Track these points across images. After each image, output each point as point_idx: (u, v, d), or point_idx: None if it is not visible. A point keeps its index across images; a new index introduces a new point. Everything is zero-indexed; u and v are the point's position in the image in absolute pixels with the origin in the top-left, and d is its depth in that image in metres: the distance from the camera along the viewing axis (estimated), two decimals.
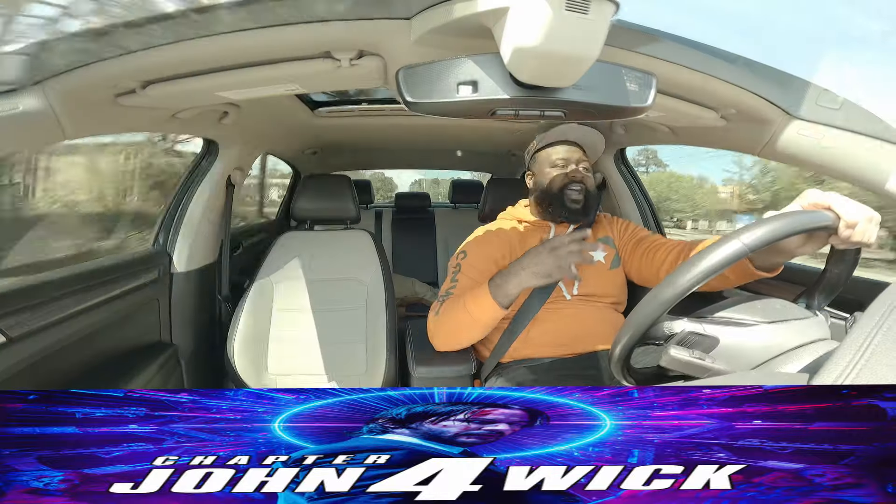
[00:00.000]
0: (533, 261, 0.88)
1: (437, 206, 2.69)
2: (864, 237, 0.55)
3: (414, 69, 0.51)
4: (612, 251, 1.06)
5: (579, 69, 0.50)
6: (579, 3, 0.43)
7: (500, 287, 0.89)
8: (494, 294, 0.89)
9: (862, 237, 0.55)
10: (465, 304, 0.92)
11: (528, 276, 0.88)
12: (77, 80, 0.57)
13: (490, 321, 0.92)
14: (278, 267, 1.31)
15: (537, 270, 0.87)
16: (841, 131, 0.70)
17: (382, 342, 1.23)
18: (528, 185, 1.12)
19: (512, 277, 0.89)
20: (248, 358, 1.21)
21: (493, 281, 0.91)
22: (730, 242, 0.49)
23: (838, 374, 0.34)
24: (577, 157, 1.05)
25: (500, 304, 0.89)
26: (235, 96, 0.77)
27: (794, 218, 0.52)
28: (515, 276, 0.88)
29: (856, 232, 0.54)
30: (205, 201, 1.21)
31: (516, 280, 0.88)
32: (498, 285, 0.90)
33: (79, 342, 0.87)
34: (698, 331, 0.54)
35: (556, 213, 1.04)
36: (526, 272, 0.88)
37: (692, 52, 0.67)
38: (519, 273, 0.88)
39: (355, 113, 1.40)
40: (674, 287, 0.49)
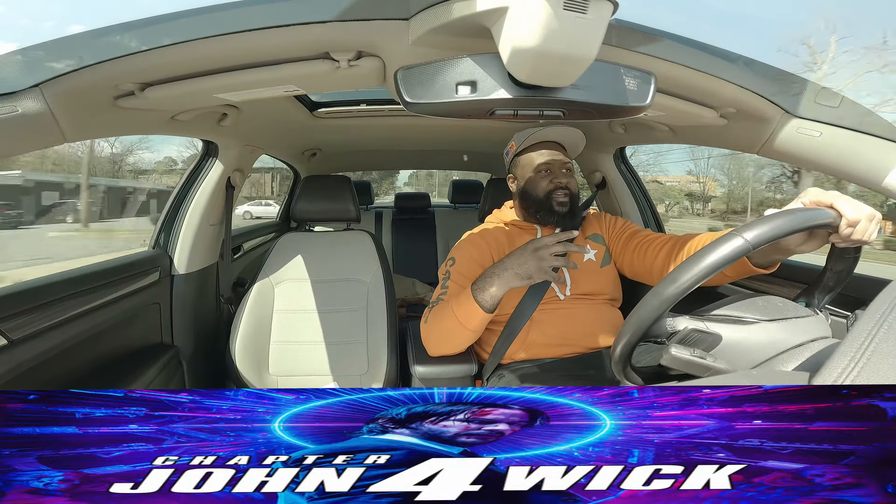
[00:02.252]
0: (516, 262, 0.88)
1: (436, 207, 2.70)
2: (864, 235, 0.55)
3: (412, 69, 0.51)
4: (603, 248, 1.06)
5: (578, 68, 0.50)
6: (578, 2, 0.43)
7: (482, 290, 0.89)
8: (477, 297, 0.89)
9: (862, 235, 0.55)
10: (452, 309, 0.92)
11: (509, 277, 0.88)
12: (76, 82, 0.57)
13: (477, 325, 0.91)
14: (279, 268, 1.31)
15: (519, 272, 0.87)
16: (840, 129, 0.70)
17: (383, 342, 1.24)
18: (511, 188, 1.12)
19: (494, 279, 0.89)
20: (249, 359, 1.21)
21: (476, 284, 0.91)
22: (733, 239, 0.49)
23: (840, 372, 0.34)
24: (560, 159, 1.05)
25: (483, 307, 0.89)
26: (234, 98, 0.77)
27: (796, 215, 0.52)
28: (498, 278, 0.88)
29: (857, 230, 0.55)
30: (205, 203, 1.21)
31: (499, 281, 0.88)
32: (480, 288, 0.89)
33: (80, 345, 0.87)
34: (701, 328, 0.54)
35: (544, 219, 1.04)
36: (508, 273, 0.88)
37: (691, 51, 0.67)
38: (501, 274, 0.88)
39: (354, 113, 1.40)
40: (676, 284, 0.49)
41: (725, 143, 0.93)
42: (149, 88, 0.67)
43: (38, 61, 0.55)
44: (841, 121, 0.70)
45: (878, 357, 0.33)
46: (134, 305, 1.05)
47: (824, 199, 0.57)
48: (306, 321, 1.29)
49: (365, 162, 2.52)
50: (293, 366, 1.26)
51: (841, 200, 0.55)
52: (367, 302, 1.30)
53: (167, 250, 1.19)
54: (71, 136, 0.62)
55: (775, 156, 0.80)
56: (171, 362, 1.15)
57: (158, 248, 1.19)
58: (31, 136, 0.58)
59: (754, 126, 0.79)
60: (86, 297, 0.88)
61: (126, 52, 0.57)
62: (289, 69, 0.66)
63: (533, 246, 0.88)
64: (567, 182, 1.03)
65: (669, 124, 1.00)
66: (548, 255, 0.86)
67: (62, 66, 0.55)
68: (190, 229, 1.20)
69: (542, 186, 1.03)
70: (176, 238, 1.19)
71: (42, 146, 0.61)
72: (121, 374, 0.96)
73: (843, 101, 0.70)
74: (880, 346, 0.34)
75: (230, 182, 1.28)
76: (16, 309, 0.72)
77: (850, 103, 0.70)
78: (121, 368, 0.98)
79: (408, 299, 2.12)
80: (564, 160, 1.05)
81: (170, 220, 1.20)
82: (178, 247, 1.19)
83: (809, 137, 0.73)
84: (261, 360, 1.24)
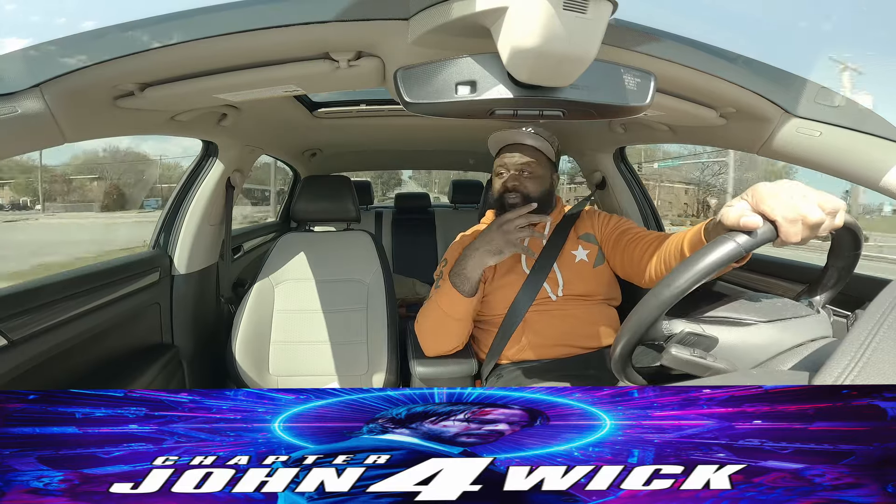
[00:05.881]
0: (484, 240, 0.92)
1: (436, 207, 2.70)
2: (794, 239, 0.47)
3: (412, 69, 0.51)
4: (595, 248, 1.05)
5: (578, 68, 0.50)
6: (577, 2, 0.43)
7: (458, 274, 0.93)
8: (454, 282, 0.93)
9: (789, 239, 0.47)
10: (437, 302, 0.96)
11: (481, 256, 0.91)
12: (75, 82, 0.57)
13: (462, 313, 0.94)
14: (279, 268, 1.31)
15: (489, 248, 0.91)
16: (839, 128, 0.70)
17: (383, 342, 1.24)
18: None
19: (468, 261, 0.92)
20: (249, 359, 1.21)
21: (452, 270, 0.94)
22: (726, 244, 0.48)
23: (840, 372, 0.34)
24: (516, 161, 1.04)
25: (462, 290, 0.92)
26: (234, 98, 0.77)
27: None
28: (470, 258, 0.92)
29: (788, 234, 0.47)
30: (205, 204, 1.21)
31: (471, 262, 0.92)
32: (456, 273, 0.93)
33: (80, 345, 0.88)
34: (697, 331, 0.54)
35: None
36: (479, 252, 0.92)
37: (691, 51, 0.67)
38: (472, 255, 0.92)
39: (354, 114, 1.40)
40: (671, 288, 0.49)
41: (725, 142, 0.93)
42: (149, 88, 0.67)
43: (38, 61, 0.55)
44: (840, 120, 0.70)
45: (878, 357, 0.33)
46: (134, 305, 1.05)
47: (762, 205, 0.47)
48: (306, 321, 1.29)
49: (365, 162, 2.52)
50: (293, 366, 1.26)
51: (778, 209, 0.46)
52: (367, 302, 1.30)
53: (167, 250, 1.19)
54: (71, 136, 0.62)
55: (775, 155, 0.80)
56: (171, 362, 1.15)
57: (158, 248, 1.19)
58: (31, 136, 0.58)
59: (754, 126, 0.79)
60: (86, 297, 0.88)
61: (126, 52, 0.57)
62: (289, 69, 0.66)
63: (498, 222, 0.92)
64: (516, 185, 1.03)
65: (669, 124, 1.00)
66: (512, 228, 0.90)
67: (62, 67, 0.55)
68: (190, 229, 1.20)
69: (496, 188, 1.08)
70: (176, 238, 1.19)
71: (42, 146, 0.61)
72: (121, 374, 0.96)
73: (842, 101, 0.70)
74: (880, 346, 0.34)
75: (230, 182, 1.28)
76: (16, 309, 0.72)
77: (849, 103, 0.70)
78: (121, 369, 0.98)
79: (408, 299, 2.13)
80: (522, 161, 1.04)
81: (170, 220, 1.20)
82: (178, 247, 1.19)
83: (809, 137, 0.73)
84: (261, 360, 1.24)
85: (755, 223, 0.47)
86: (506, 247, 0.90)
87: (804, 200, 0.46)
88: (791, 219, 0.46)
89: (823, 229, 0.47)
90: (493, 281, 1.03)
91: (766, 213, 0.47)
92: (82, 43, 0.56)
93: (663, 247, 0.83)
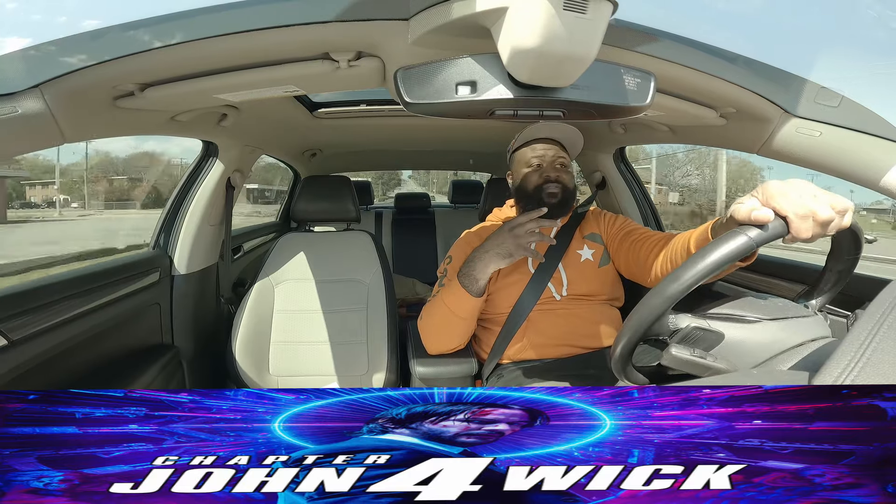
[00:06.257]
0: (494, 242, 0.91)
1: (436, 207, 2.70)
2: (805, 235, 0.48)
3: (412, 70, 0.51)
4: (601, 248, 1.05)
5: (578, 68, 0.50)
6: (577, 2, 0.43)
7: (467, 275, 0.92)
8: (463, 282, 0.92)
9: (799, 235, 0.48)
10: (443, 300, 0.95)
11: (490, 258, 0.91)
12: (75, 82, 0.57)
13: (467, 312, 0.94)
14: (279, 268, 1.31)
15: (499, 251, 0.90)
16: (839, 128, 0.70)
17: (383, 342, 1.24)
18: (509, 184, 1.13)
19: (477, 262, 0.92)
20: (250, 359, 1.21)
21: (461, 270, 0.93)
22: (737, 237, 0.48)
23: (840, 372, 0.34)
24: (553, 154, 1.05)
25: (470, 291, 0.92)
26: (234, 98, 0.77)
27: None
28: (480, 261, 0.91)
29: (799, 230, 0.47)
30: (205, 204, 1.21)
31: (481, 264, 0.91)
32: (465, 273, 0.92)
33: (80, 345, 0.87)
34: (703, 326, 0.54)
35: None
36: (489, 254, 0.91)
37: (691, 51, 0.67)
38: (482, 257, 0.91)
39: (354, 114, 1.40)
40: (679, 282, 0.49)
41: (725, 142, 0.93)
42: (149, 89, 0.67)
43: (38, 61, 0.55)
44: (840, 120, 0.70)
45: (878, 357, 0.33)
46: (134, 306, 1.05)
47: (773, 202, 0.48)
48: (306, 321, 1.29)
49: (365, 162, 2.52)
50: (293, 366, 1.26)
51: (789, 207, 0.47)
52: (367, 302, 1.30)
53: (167, 251, 1.19)
54: (70, 136, 0.62)
55: (775, 155, 0.80)
56: (171, 362, 1.15)
57: (158, 248, 1.19)
58: (31, 136, 0.58)
59: (754, 126, 0.79)
60: (86, 297, 0.88)
61: (125, 52, 0.57)
62: (289, 69, 0.66)
63: (509, 226, 0.92)
64: (558, 176, 1.03)
65: (669, 124, 1.00)
66: (523, 231, 0.89)
67: (62, 67, 0.55)
68: (190, 230, 1.20)
69: (532, 181, 1.04)
70: (176, 238, 1.19)
71: (42, 147, 0.61)
72: (121, 374, 0.96)
73: (842, 101, 0.70)
74: (880, 346, 0.34)
75: (230, 182, 1.28)
76: (16, 309, 0.72)
77: (849, 103, 0.70)
78: (121, 369, 0.98)
79: (408, 299, 2.12)
80: (558, 155, 1.05)
81: (170, 220, 1.20)
82: (178, 247, 1.19)
83: (809, 137, 0.73)
84: (261, 360, 1.24)
85: (767, 217, 0.47)
86: (516, 250, 0.90)
87: (814, 199, 0.47)
88: (802, 215, 0.46)
89: (832, 228, 0.48)
90: (498, 280, 1.03)
91: (777, 209, 0.48)
92: (82, 43, 0.56)
93: (669, 246, 0.84)
